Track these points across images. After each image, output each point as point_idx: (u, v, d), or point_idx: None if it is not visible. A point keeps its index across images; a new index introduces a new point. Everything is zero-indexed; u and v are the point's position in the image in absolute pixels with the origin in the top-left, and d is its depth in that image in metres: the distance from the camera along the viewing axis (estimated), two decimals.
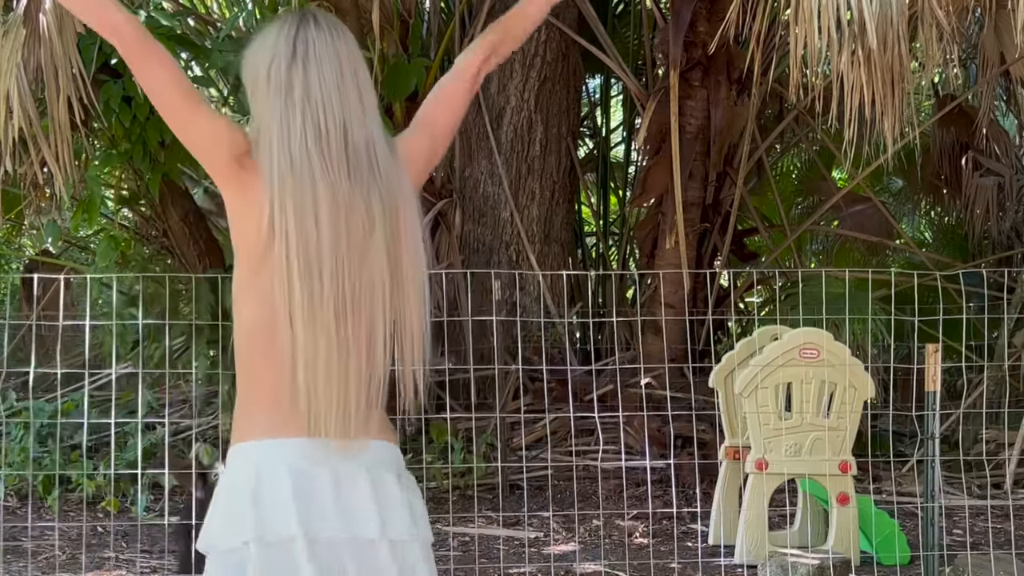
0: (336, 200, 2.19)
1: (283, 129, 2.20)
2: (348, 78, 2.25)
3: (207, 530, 2.23)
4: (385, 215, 2.23)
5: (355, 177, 2.21)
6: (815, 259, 11.13)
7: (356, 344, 2.20)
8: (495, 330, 6.83)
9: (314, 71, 2.22)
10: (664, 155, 7.95)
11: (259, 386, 2.23)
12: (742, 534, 5.62)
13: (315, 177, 2.18)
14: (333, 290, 2.17)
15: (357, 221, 2.20)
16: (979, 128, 9.48)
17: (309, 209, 2.17)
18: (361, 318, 2.20)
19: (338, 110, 2.22)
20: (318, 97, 2.21)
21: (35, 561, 5.61)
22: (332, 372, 2.18)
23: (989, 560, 5.29)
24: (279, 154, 2.19)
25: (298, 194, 2.18)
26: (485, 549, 5.98)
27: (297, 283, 2.16)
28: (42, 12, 5.79)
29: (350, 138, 2.22)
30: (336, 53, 2.25)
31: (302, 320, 2.17)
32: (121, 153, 7.08)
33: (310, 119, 2.20)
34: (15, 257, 10.95)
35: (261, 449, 2.21)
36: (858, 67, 5.26)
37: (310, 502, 2.17)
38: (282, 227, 2.17)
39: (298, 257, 2.16)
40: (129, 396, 7.28)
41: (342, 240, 2.18)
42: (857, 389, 5.61)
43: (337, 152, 2.20)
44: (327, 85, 2.22)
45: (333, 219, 2.18)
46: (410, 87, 7.79)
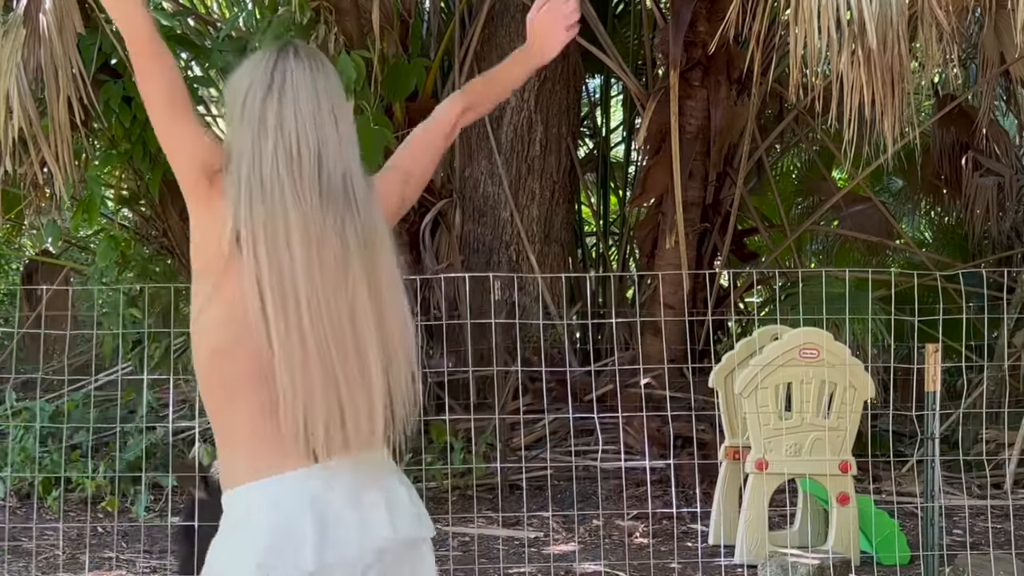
0: (308, 227, 2.16)
1: (254, 155, 2.19)
2: (325, 110, 2.23)
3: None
4: (361, 245, 2.20)
5: (328, 205, 2.18)
6: (815, 259, 11.14)
7: (345, 373, 2.17)
8: (495, 330, 6.82)
9: (289, 101, 2.21)
10: (664, 155, 7.95)
11: (242, 418, 2.19)
12: (742, 534, 5.62)
13: (287, 204, 2.16)
14: (310, 320, 2.14)
15: (330, 250, 2.17)
16: (979, 128, 9.48)
17: (281, 236, 2.15)
18: (347, 347, 2.17)
19: (312, 139, 2.20)
20: (292, 126, 2.20)
21: (36, 561, 5.61)
22: (326, 403, 2.15)
23: (989, 560, 5.29)
24: (250, 178, 2.18)
25: (270, 221, 2.15)
26: (485, 549, 5.98)
27: (272, 313, 2.14)
28: (42, 12, 5.80)
29: (325, 166, 2.20)
30: (314, 85, 2.23)
31: (285, 353, 2.13)
32: (121, 153, 7.08)
33: (282, 146, 2.18)
34: (15, 257, 10.95)
35: (271, 489, 2.17)
36: (858, 67, 5.27)
37: (336, 532, 2.16)
38: (251, 253, 2.15)
39: (271, 287, 2.14)
40: (130, 396, 7.28)
41: (315, 268, 2.16)
42: (857, 389, 5.61)
43: (310, 179, 2.18)
44: (302, 115, 2.20)
45: (305, 247, 2.15)
46: (410, 87, 7.79)
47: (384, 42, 7.42)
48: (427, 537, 2.31)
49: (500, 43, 8.68)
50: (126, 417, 7.16)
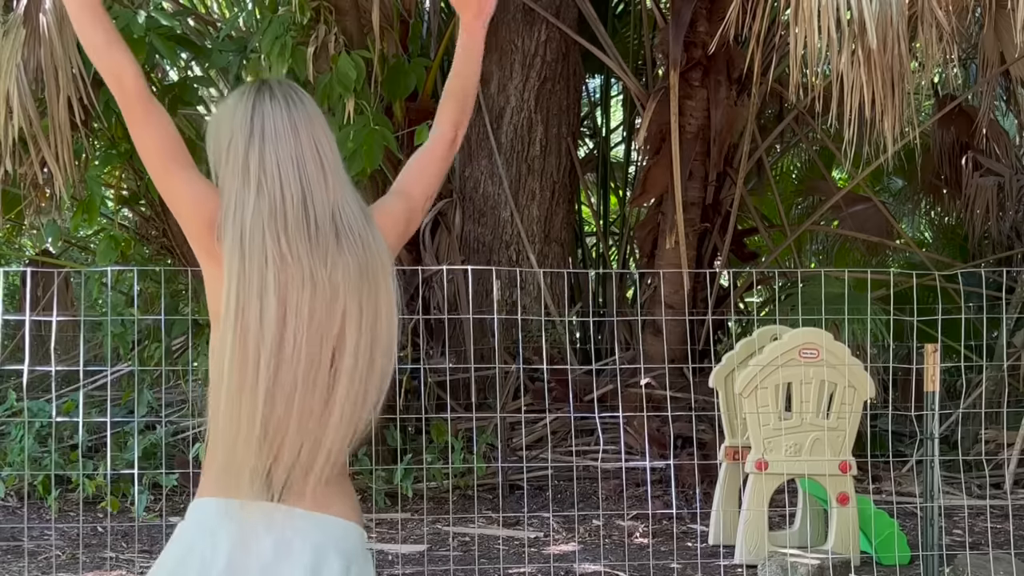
0: (290, 275, 2.16)
1: (237, 204, 2.19)
2: (307, 150, 2.23)
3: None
4: (356, 283, 2.20)
5: (316, 250, 2.18)
6: (815, 259, 11.14)
7: (301, 411, 2.16)
8: (495, 330, 6.83)
9: (270, 148, 2.21)
10: (664, 155, 7.94)
11: (215, 443, 2.21)
12: (742, 534, 5.62)
13: (267, 252, 2.16)
14: (271, 365, 2.14)
15: (319, 292, 2.17)
16: (979, 128, 9.49)
17: (255, 284, 2.15)
18: (316, 384, 2.17)
19: (295, 184, 2.20)
20: (275, 173, 2.20)
21: (34, 561, 5.61)
22: (256, 438, 2.14)
23: (989, 560, 5.29)
24: (231, 228, 2.18)
25: (246, 269, 2.16)
26: (485, 549, 5.98)
27: (228, 353, 2.14)
28: (42, 12, 5.79)
29: (311, 211, 2.20)
30: (292, 125, 2.23)
31: (226, 391, 2.15)
32: (121, 153, 7.07)
33: (266, 194, 2.19)
34: (15, 257, 10.95)
35: (207, 508, 2.21)
36: (858, 67, 5.27)
37: (241, 568, 2.15)
38: (227, 299, 2.15)
39: (236, 330, 2.14)
40: (128, 396, 7.28)
41: (291, 314, 2.15)
42: (857, 389, 5.61)
43: (295, 226, 2.18)
44: (283, 162, 2.21)
45: (281, 294, 2.15)
46: (410, 87, 7.79)
47: (384, 42, 7.42)
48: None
49: (500, 43, 8.69)
50: (124, 417, 7.16)
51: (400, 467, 6.58)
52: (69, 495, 6.76)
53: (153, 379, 7.20)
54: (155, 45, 6.48)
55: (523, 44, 8.67)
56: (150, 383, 7.28)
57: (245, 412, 2.14)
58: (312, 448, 2.17)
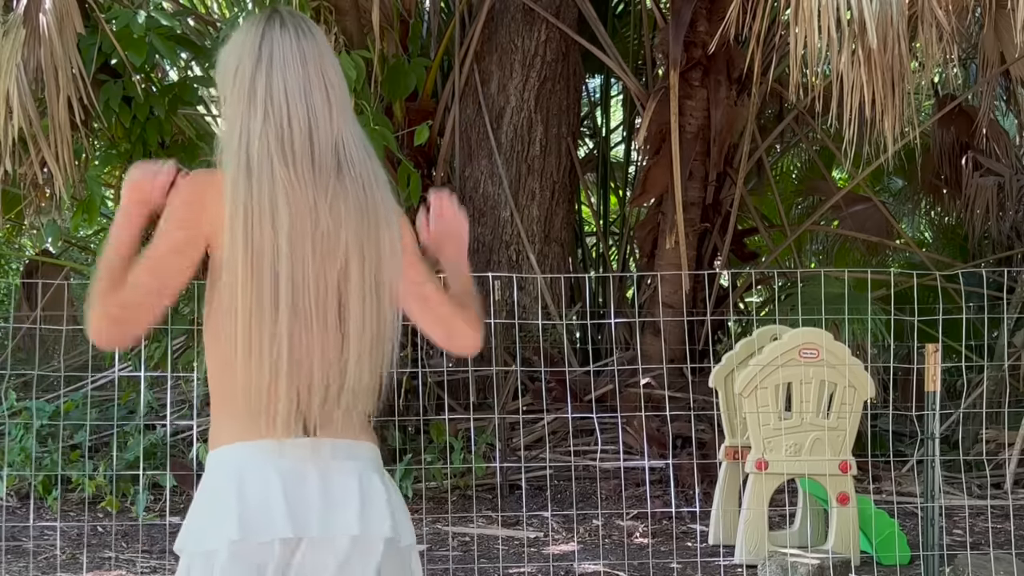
0: (297, 201, 2.17)
1: (243, 132, 2.19)
2: (314, 79, 2.23)
3: (185, 531, 2.23)
4: (357, 217, 2.21)
5: (319, 179, 2.19)
6: (815, 259, 11.14)
7: (322, 344, 2.18)
8: (495, 330, 6.83)
9: (278, 75, 2.21)
10: (664, 155, 7.95)
11: (230, 390, 2.22)
12: (742, 534, 5.62)
13: (275, 179, 2.17)
14: (288, 291, 2.15)
15: (320, 225, 2.18)
16: (979, 128, 9.49)
17: (267, 211, 2.15)
18: (329, 325, 2.18)
19: (302, 113, 2.20)
20: (282, 100, 2.20)
21: (35, 561, 5.61)
22: (285, 374, 2.16)
23: (989, 560, 5.29)
24: (238, 157, 2.18)
25: (255, 196, 2.16)
26: (485, 549, 5.98)
27: (245, 286, 2.15)
28: (42, 12, 5.79)
29: (316, 141, 2.21)
30: (301, 54, 2.23)
31: (246, 321, 2.15)
32: (121, 153, 7.07)
33: (272, 122, 2.19)
34: (15, 257, 10.95)
35: (242, 452, 2.20)
36: (858, 67, 5.27)
37: (300, 504, 2.17)
38: (234, 229, 2.15)
39: (249, 260, 2.14)
40: (129, 396, 7.28)
41: (300, 242, 2.16)
42: (857, 389, 5.61)
43: (301, 155, 2.19)
44: (291, 89, 2.21)
45: (292, 221, 2.16)
46: (410, 87, 7.79)
47: (384, 42, 7.42)
48: (392, 539, 2.23)
49: (500, 43, 8.69)
50: (126, 417, 7.16)
51: (400, 467, 6.58)
52: (69, 495, 6.76)
53: (154, 379, 7.19)
54: (155, 45, 6.47)
55: (523, 44, 8.67)
56: (151, 383, 7.28)
57: (267, 350, 2.14)
58: (338, 383, 2.19)
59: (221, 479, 2.20)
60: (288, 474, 2.17)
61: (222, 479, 2.19)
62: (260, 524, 2.14)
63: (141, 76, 6.74)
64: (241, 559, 2.13)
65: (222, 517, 2.14)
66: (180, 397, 7.92)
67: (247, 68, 2.22)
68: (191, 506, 2.25)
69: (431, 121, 8.22)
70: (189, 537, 2.20)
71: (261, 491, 2.16)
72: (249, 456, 2.20)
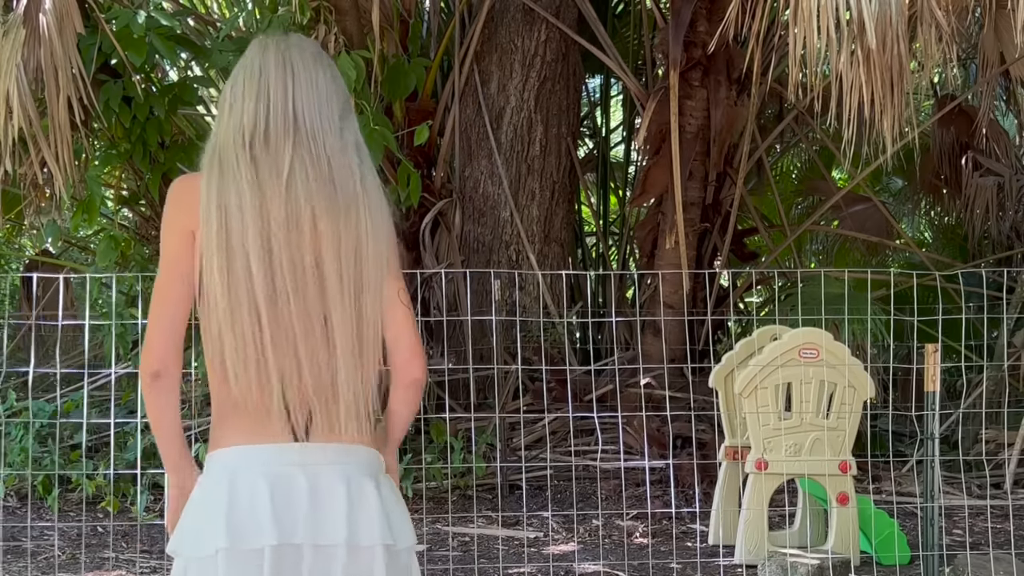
0: (257, 181, 2.20)
1: (214, 134, 2.26)
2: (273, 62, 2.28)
3: (179, 534, 2.23)
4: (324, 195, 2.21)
5: (275, 160, 2.21)
6: (815, 259, 11.14)
7: (307, 341, 2.19)
8: (495, 330, 6.83)
9: (241, 75, 2.30)
10: (664, 155, 7.94)
11: (224, 393, 2.24)
12: (742, 534, 5.62)
13: (238, 164, 2.20)
14: (264, 272, 2.16)
15: (286, 198, 2.19)
16: (979, 128, 9.49)
17: (231, 197, 2.18)
18: (308, 305, 2.19)
19: (252, 93, 2.25)
20: (240, 92, 2.26)
21: (35, 561, 5.61)
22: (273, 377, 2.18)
23: (989, 560, 5.29)
24: (208, 154, 2.25)
25: (217, 185, 2.20)
26: (485, 549, 5.98)
27: (217, 276, 2.17)
28: (42, 12, 5.79)
29: (269, 118, 2.24)
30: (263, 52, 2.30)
31: (224, 316, 2.17)
32: (121, 153, 7.08)
33: (234, 114, 2.25)
34: (15, 257, 10.95)
35: (236, 456, 2.21)
36: (857, 67, 5.26)
37: (286, 510, 2.17)
38: (208, 220, 2.18)
39: (218, 248, 2.17)
40: (129, 396, 7.28)
41: (265, 219, 2.18)
42: (857, 389, 5.61)
43: (252, 134, 2.23)
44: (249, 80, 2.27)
45: (254, 201, 2.18)
46: (410, 87, 7.79)
47: (384, 42, 7.42)
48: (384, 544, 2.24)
49: (500, 43, 8.69)
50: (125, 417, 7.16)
51: (399, 467, 6.57)
52: (69, 495, 6.76)
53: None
54: (155, 45, 6.48)
55: (523, 44, 8.67)
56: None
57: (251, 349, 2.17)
58: (328, 385, 2.20)
59: (213, 484, 2.21)
60: (277, 480, 2.18)
61: (214, 484, 2.21)
62: (247, 531, 2.15)
63: (141, 76, 6.75)
64: (234, 565, 2.14)
65: (213, 523, 2.16)
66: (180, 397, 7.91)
67: (238, 83, 2.30)
68: (185, 508, 2.26)
69: (431, 121, 8.22)
70: (184, 541, 2.21)
71: (249, 497, 2.17)
72: (241, 460, 2.21)
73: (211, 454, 2.26)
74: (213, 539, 2.14)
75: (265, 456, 2.20)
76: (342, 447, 2.24)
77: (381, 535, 2.22)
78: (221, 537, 2.13)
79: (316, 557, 2.18)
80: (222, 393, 2.25)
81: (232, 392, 2.20)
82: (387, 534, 2.23)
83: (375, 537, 2.21)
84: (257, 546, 2.14)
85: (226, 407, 2.25)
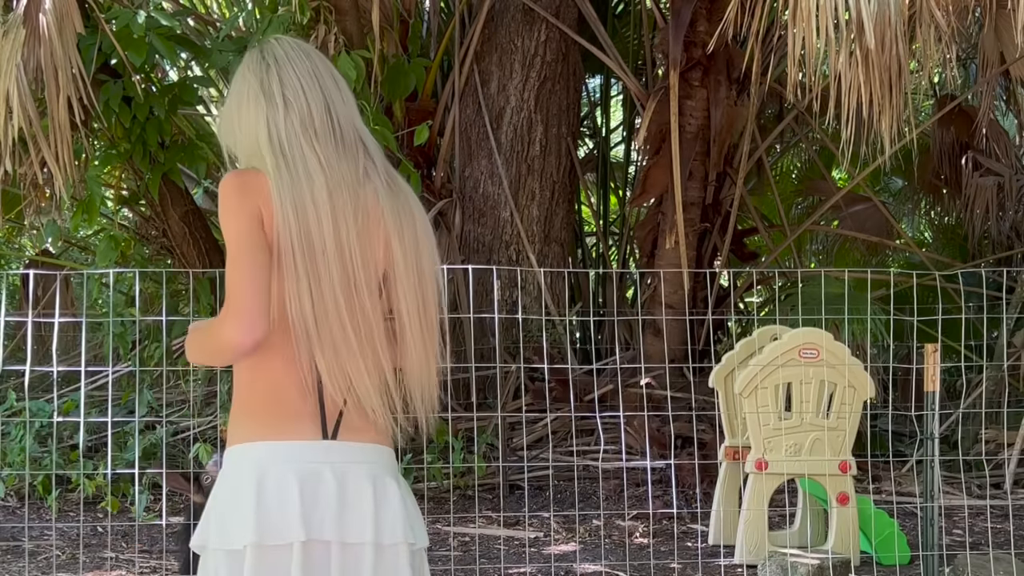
0: (333, 176, 2.22)
1: (271, 127, 2.25)
2: (320, 67, 2.31)
3: (204, 529, 2.23)
4: (389, 196, 2.25)
5: (347, 154, 2.26)
6: (815, 259, 11.13)
7: (367, 334, 2.20)
8: (495, 330, 6.83)
9: (287, 69, 2.29)
10: (664, 155, 7.94)
11: (260, 386, 2.23)
12: (742, 534, 5.62)
13: (307, 159, 2.21)
14: (340, 271, 2.18)
15: (360, 196, 2.23)
16: (979, 128, 9.49)
17: (307, 196, 2.19)
18: (366, 302, 2.21)
19: (318, 95, 2.27)
20: (297, 86, 2.27)
21: (34, 561, 5.61)
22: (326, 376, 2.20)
23: (989, 560, 5.28)
24: (271, 149, 2.23)
25: (294, 184, 2.20)
26: (485, 549, 5.98)
27: (300, 269, 2.17)
28: (42, 12, 5.79)
29: (335, 119, 2.28)
30: (303, 49, 2.33)
31: (311, 310, 2.17)
32: (121, 153, 7.08)
33: (294, 108, 2.25)
34: (15, 257, 10.95)
35: (265, 452, 2.21)
36: (856, 67, 5.26)
37: (315, 507, 2.18)
38: (286, 217, 2.18)
39: (302, 249, 2.17)
40: (128, 396, 7.28)
41: (342, 217, 2.20)
42: (857, 389, 5.61)
43: (323, 133, 2.25)
44: (303, 76, 2.28)
45: (331, 197, 2.20)
46: (410, 87, 7.79)
47: (384, 42, 7.42)
48: (408, 543, 2.26)
49: (500, 43, 8.69)
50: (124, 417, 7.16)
51: (400, 467, 6.57)
52: (69, 495, 6.76)
53: (153, 379, 7.20)
54: (155, 45, 6.48)
55: (523, 44, 8.67)
56: (150, 383, 7.28)
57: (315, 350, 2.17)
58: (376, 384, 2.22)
59: (242, 478, 2.21)
60: (306, 477, 2.19)
61: (243, 478, 2.20)
62: (276, 527, 2.15)
63: (141, 76, 6.74)
64: (263, 561, 2.14)
65: (242, 518, 2.16)
66: (180, 397, 7.92)
67: (254, 76, 2.29)
68: (210, 503, 2.25)
69: (431, 121, 8.22)
70: (211, 533, 2.21)
71: (278, 493, 2.17)
72: (270, 456, 2.21)
73: (236, 447, 2.25)
74: (242, 534, 2.15)
75: (295, 453, 2.20)
76: (368, 446, 2.27)
77: (404, 534, 2.24)
78: (250, 532, 2.14)
79: (345, 555, 2.20)
80: (255, 388, 2.24)
81: (275, 386, 2.20)
82: (410, 533, 2.25)
83: (398, 536, 2.24)
84: (286, 542, 2.15)
85: (254, 402, 2.24)
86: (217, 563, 2.19)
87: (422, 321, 2.25)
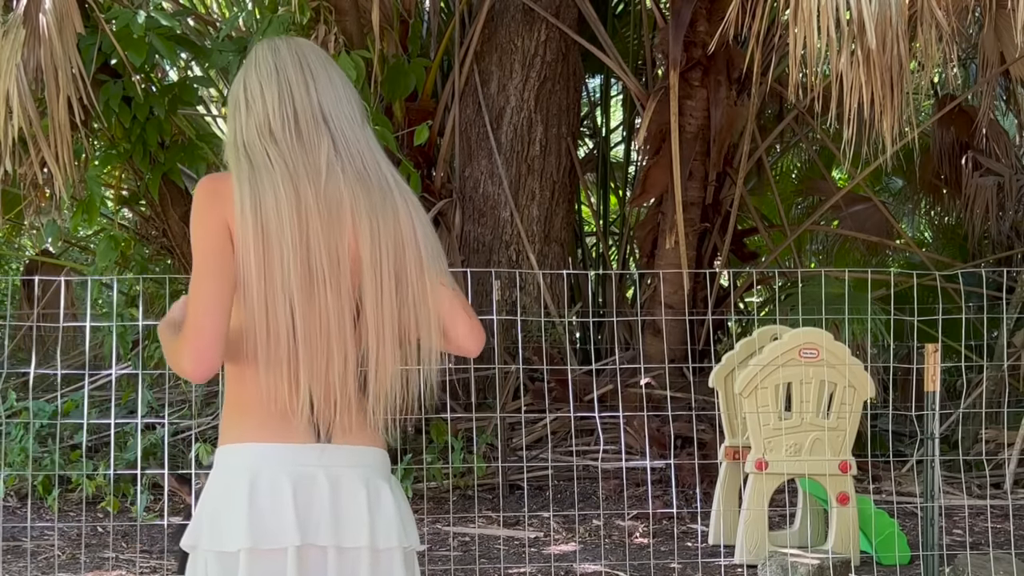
0: (293, 173, 2.20)
1: (236, 131, 2.26)
2: (288, 60, 2.30)
3: (195, 528, 2.22)
4: (362, 189, 2.22)
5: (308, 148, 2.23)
6: (815, 259, 11.14)
7: (340, 340, 2.18)
8: (495, 330, 6.82)
9: (252, 73, 2.30)
10: (664, 155, 7.95)
11: (248, 387, 2.22)
12: (742, 534, 5.62)
13: (270, 160, 2.20)
14: (301, 269, 2.16)
15: (323, 192, 2.20)
16: (979, 128, 9.49)
17: (266, 190, 2.18)
18: (342, 303, 2.19)
19: (275, 92, 2.26)
20: (256, 90, 2.27)
21: (35, 561, 5.61)
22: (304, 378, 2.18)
23: (989, 560, 5.29)
24: (235, 152, 2.24)
25: (252, 180, 2.19)
26: (485, 549, 5.98)
27: (254, 270, 2.15)
28: (42, 12, 5.79)
29: (298, 112, 2.26)
30: (274, 49, 2.32)
31: (259, 310, 2.16)
32: (121, 153, 7.08)
33: (254, 110, 2.25)
34: (15, 257, 10.95)
35: (257, 454, 2.20)
36: (857, 67, 5.26)
37: (309, 511, 2.17)
38: (244, 216, 2.16)
39: (255, 244, 2.16)
40: (129, 396, 7.28)
41: (307, 220, 2.17)
42: (857, 389, 5.61)
43: (282, 130, 2.24)
44: (263, 76, 2.28)
45: (289, 195, 2.18)
46: (410, 87, 7.79)
47: (384, 42, 7.42)
48: (402, 547, 2.26)
49: (500, 43, 8.69)
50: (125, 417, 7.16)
51: (400, 467, 6.58)
52: (69, 495, 6.76)
53: (153, 379, 7.20)
54: (155, 45, 6.48)
55: (523, 44, 8.67)
56: (150, 383, 7.28)
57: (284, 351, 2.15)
58: (354, 386, 2.21)
59: (233, 479, 2.19)
60: (300, 480, 2.18)
61: (235, 479, 2.19)
62: (270, 531, 2.14)
63: (141, 76, 6.75)
64: (257, 566, 2.14)
65: (235, 520, 2.15)
66: (180, 397, 7.92)
67: (236, 83, 2.32)
68: (200, 502, 2.24)
69: (431, 121, 8.22)
70: (202, 534, 2.20)
71: (271, 496, 2.16)
72: (262, 459, 2.20)
73: (227, 447, 2.23)
74: (235, 537, 2.14)
75: (288, 456, 2.19)
76: (361, 449, 2.25)
77: (399, 538, 2.24)
78: (244, 536, 2.13)
79: (341, 560, 2.19)
80: (245, 387, 2.23)
81: (259, 387, 2.19)
82: (403, 537, 2.25)
83: (392, 539, 2.23)
84: (280, 546, 2.14)
85: (246, 401, 2.23)
86: (208, 564, 2.18)
87: (384, 318, 2.20)
